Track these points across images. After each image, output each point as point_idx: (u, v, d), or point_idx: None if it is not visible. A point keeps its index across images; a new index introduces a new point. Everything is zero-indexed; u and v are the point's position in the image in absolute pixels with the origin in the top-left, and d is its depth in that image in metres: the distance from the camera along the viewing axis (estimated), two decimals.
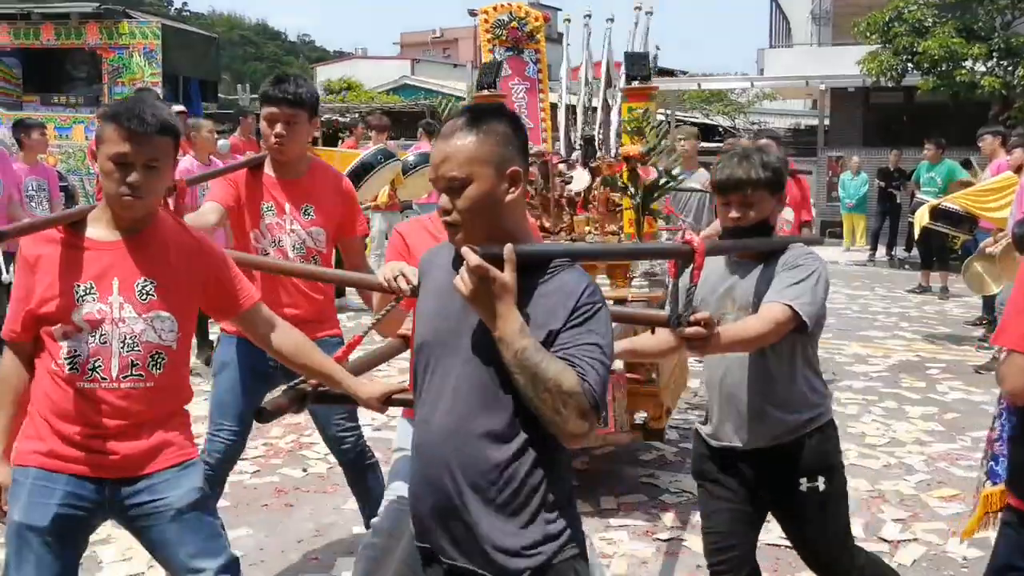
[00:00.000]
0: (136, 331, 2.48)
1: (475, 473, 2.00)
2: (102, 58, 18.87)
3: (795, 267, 2.87)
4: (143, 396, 2.51)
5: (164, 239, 2.57)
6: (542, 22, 13.63)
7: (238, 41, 68.67)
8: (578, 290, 1.99)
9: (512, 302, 1.93)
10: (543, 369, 1.89)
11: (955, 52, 16.43)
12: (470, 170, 2.00)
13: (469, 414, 2.02)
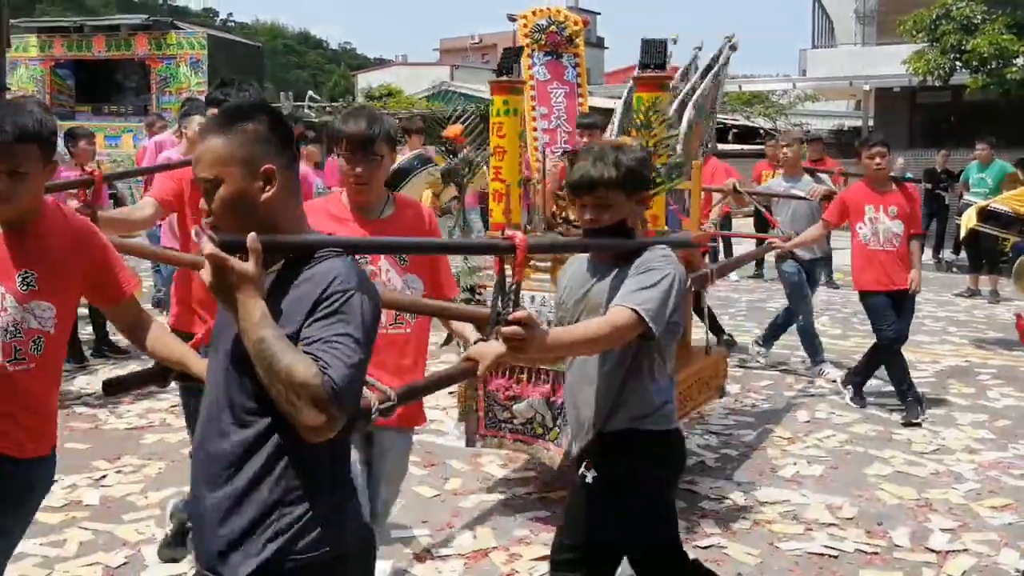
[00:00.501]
0: (18, 319, 2.59)
1: (212, 464, 2.01)
2: (150, 68, 19.23)
3: (647, 271, 2.77)
4: (27, 377, 2.62)
5: (46, 233, 2.66)
6: (581, 26, 13.58)
7: (281, 50, 69.33)
8: (326, 280, 1.95)
9: (253, 292, 1.89)
10: (278, 360, 1.84)
11: (1005, 49, 16.12)
12: (218, 171, 1.98)
13: (218, 404, 2.03)
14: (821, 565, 4.07)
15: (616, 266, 2.85)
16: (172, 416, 6.11)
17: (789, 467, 5.28)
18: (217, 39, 21.21)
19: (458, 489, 4.91)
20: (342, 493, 2.09)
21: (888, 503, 4.77)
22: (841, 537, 4.35)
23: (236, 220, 1.97)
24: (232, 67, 20.67)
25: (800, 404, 6.61)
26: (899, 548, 4.24)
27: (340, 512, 2.06)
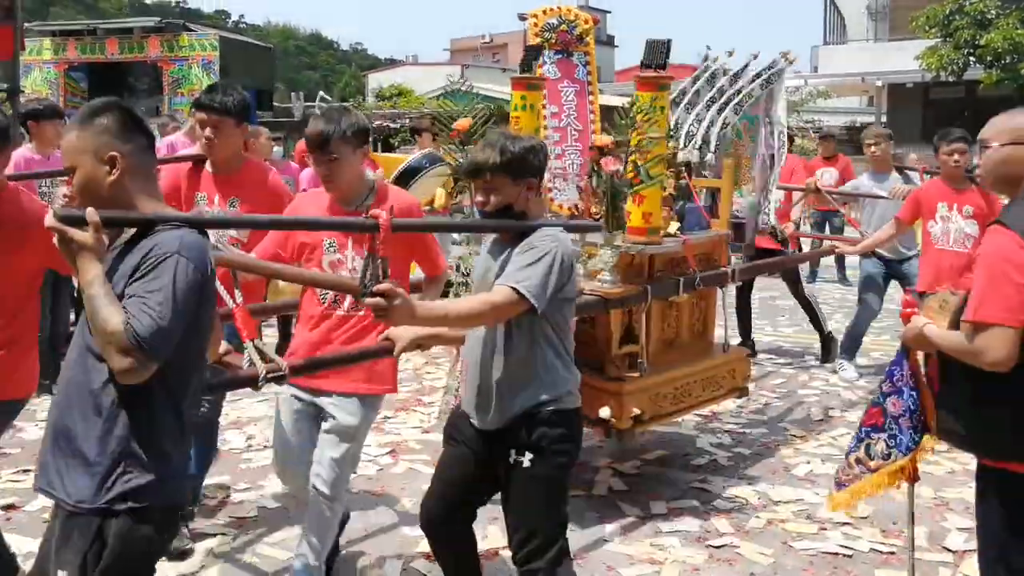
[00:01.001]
0: None
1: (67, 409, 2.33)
2: (163, 70, 19.28)
3: (529, 249, 2.92)
4: None
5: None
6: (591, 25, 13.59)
7: (292, 51, 69.57)
8: (147, 247, 2.27)
9: (90, 257, 2.22)
10: (98, 312, 2.18)
11: (1020, 44, 16.07)
12: (73, 159, 2.35)
13: (77, 358, 2.36)
14: (835, 564, 4.03)
15: (509, 248, 3.01)
16: None
17: (803, 465, 5.24)
18: (229, 40, 21.26)
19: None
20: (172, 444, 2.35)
21: (903, 502, 4.71)
22: (856, 536, 4.31)
23: (89, 199, 2.31)
24: (244, 68, 20.72)
25: (813, 402, 6.56)
26: (915, 548, 4.19)
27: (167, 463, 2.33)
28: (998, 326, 2.53)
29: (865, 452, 3.19)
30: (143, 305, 2.19)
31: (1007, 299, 2.53)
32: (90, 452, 2.25)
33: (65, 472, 2.28)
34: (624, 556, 4.11)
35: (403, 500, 4.71)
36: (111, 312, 2.17)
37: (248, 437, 5.68)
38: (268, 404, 6.37)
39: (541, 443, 2.98)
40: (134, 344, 2.15)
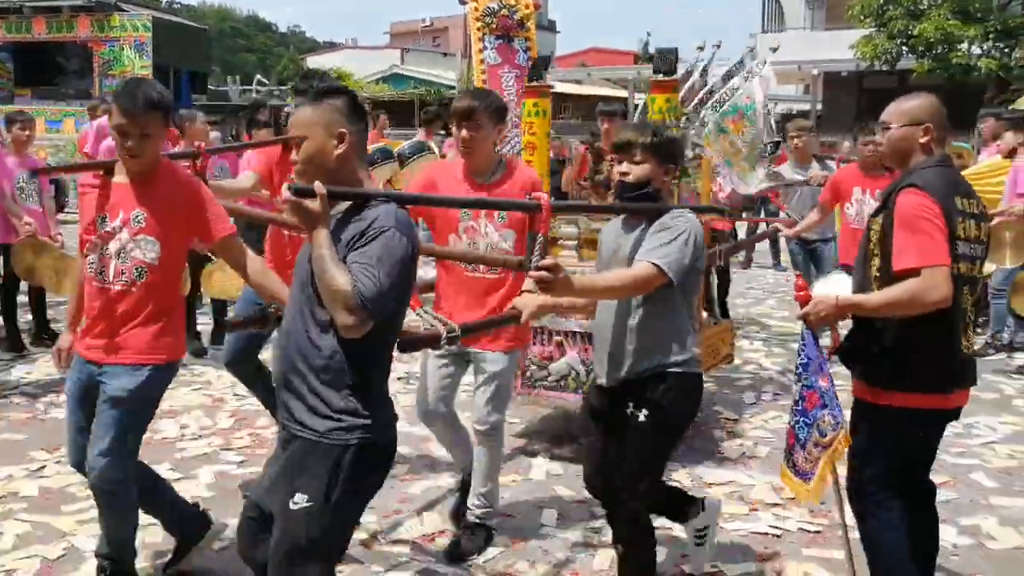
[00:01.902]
0: (127, 247, 3.35)
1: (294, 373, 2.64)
2: (93, 51, 18.80)
3: (665, 229, 3.22)
4: (128, 299, 3.36)
5: (161, 183, 3.40)
6: (532, 10, 13.51)
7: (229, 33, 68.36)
8: (369, 219, 2.55)
9: (319, 224, 2.52)
10: (326, 271, 2.47)
11: (951, 34, 16.41)
12: (306, 130, 2.64)
13: (294, 313, 2.69)
14: (766, 544, 4.11)
15: (642, 226, 3.32)
16: None
17: (735, 448, 5.33)
18: (162, 21, 20.81)
19: (404, 474, 4.88)
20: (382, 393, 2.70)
21: (833, 482, 4.82)
22: (785, 517, 4.40)
23: (314, 168, 2.61)
24: (178, 50, 20.33)
25: (747, 386, 6.67)
26: (840, 526, 4.29)
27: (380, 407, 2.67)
28: (936, 267, 2.88)
29: (819, 432, 3.32)
30: (366, 269, 2.47)
31: (933, 243, 2.90)
32: (323, 395, 2.58)
33: (304, 411, 2.61)
34: (560, 540, 4.14)
35: None
36: (338, 273, 2.47)
37: (182, 426, 5.62)
38: (201, 394, 6.30)
39: (661, 402, 3.26)
40: (359, 303, 2.44)
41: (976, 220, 3.09)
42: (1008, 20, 16.59)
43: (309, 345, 2.61)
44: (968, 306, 3.10)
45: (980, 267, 3.15)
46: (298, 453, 2.63)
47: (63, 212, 13.85)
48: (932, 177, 3.05)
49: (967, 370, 3.16)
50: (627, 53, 44.63)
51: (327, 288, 2.47)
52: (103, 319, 3.39)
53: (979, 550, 4.10)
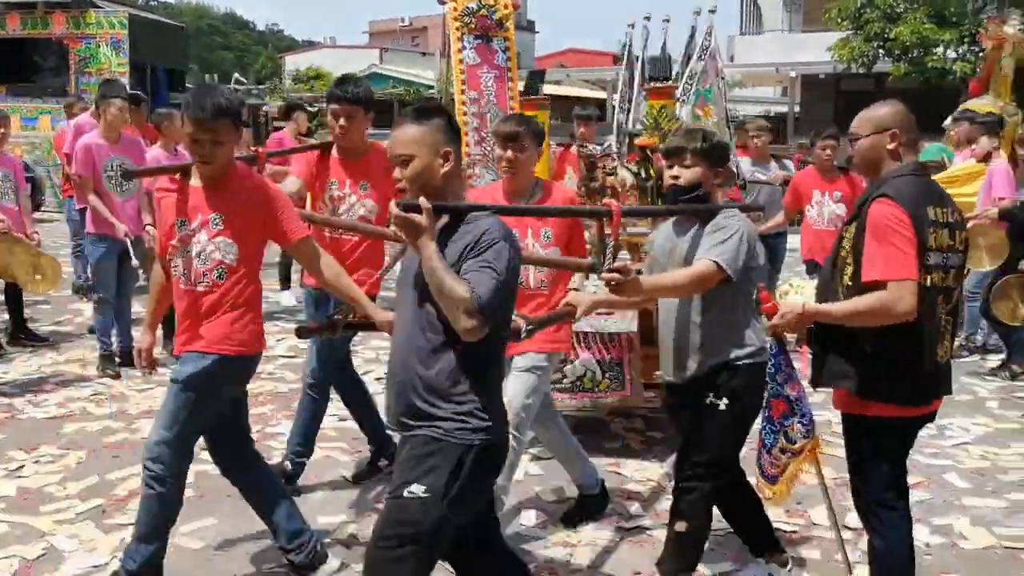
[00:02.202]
0: (207, 250, 3.48)
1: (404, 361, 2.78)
2: (69, 48, 18.62)
3: (720, 229, 3.42)
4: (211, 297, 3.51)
5: (234, 187, 3.54)
6: (511, 10, 13.51)
7: (206, 30, 67.93)
8: (478, 232, 2.70)
9: (427, 237, 2.65)
10: (444, 282, 2.60)
11: (927, 38, 16.55)
12: (411, 149, 2.76)
13: (409, 321, 2.81)
14: (742, 544, 4.15)
15: (695, 227, 3.53)
16: (92, 405, 5.99)
17: None
18: (139, 19, 20.61)
19: (383, 476, 4.89)
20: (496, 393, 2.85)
21: (808, 483, 4.87)
22: None
23: (419, 186, 2.75)
24: (155, 48, 20.16)
25: None
26: (817, 526, 4.35)
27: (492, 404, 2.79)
28: (903, 280, 2.92)
29: (785, 439, 3.45)
30: (483, 278, 2.63)
31: (901, 255, 2.94)
32: (445, 397, 2.71)
33: (425, 412, 2.73)
34: (539, 539, 4.17)
35: (319, 489, 4.70)
36: (457, 282, 2.61)
37: None
38: None
39: (736, 390, 3.47)
40: (477, 308, 2.59)
41: (950, 229, 3.09)
42: (982, 24, 16.77)
43: (428, 350, 2.74)
44: (943, 315, 3.11)
45: (956, 276, 3.14)
46: (418, 449, 2.73)
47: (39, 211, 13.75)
48: (903, 186, 3.06)
49: (941, 380, 3.17)
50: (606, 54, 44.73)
51: (447, 296, 2.61)
52: (188, 318, 3.55)
53: (952, 550, 4.16)
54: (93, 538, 4.12)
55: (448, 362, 2.72)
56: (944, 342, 3.14)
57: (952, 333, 3.20)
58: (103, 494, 4.59)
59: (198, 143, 3.42)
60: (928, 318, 3.03)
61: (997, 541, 4.22)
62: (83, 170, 6.60)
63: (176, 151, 7.32)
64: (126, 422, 5.67)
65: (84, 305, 8.88)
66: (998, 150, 7.35)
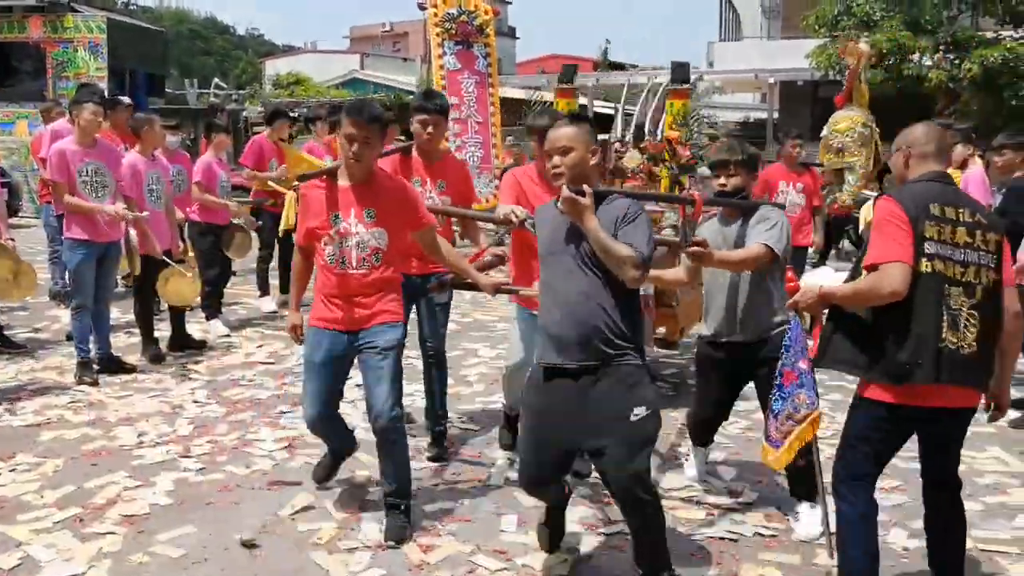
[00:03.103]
0: (365, 239, 4.20)
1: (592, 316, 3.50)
2: (46, 52, 18.50)
3: (766, 219, 4.32)
4: (370, 278, 4.24)
5: (381, 185, 4.29)
6: (492, 16, 13.58)
7: (186, 35, 67.61)
8: (626, 207, 3.56)
9: (590, 213, 3.46)
10: (610, 245, 3.41)
11: (903, 45, 16.67)
12: (573, 144, 3.59)
13: (585, 281, 3.53)
14: (722, 549, 4.17)
15: (739, 221, 4.43)
16: (70, 412, 5.95)
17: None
18: (118, 23, 20.48)
19: (365, 481, 4.88)
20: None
21: (786, 487, 4.90)
22: (741, 522, 4.46)
23: (575, 173, 3.56)
24: (134, 52, 20.04)
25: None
26: (796, 531, 4.37)
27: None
28: (892, 262, 3.25)
29: (792, 407, 3.86)
30: (639, 240, 3.43)
31: (893, 242, 3.28)
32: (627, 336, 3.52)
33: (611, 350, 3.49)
34: (520, 545, 4.17)
35: (300, 495, 4.69)
36: (620, 246, 3.41)
37: (140, 434, 5.57)
38: (159, 401, 6.25)
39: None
40: (642, 262, 3.41)
41: (968, 227, 3.34)
42: (957, 33, 16.92)
43: (612, 305, 3.49)
44: (963, 307, 3.29)
45: (984, 273, 3.33)
46: (623, 380, 3.49)
47: (16, 216, 13.65)
48: (909, 188, 3.46)
49: (943, 367, 3.27)
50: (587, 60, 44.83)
51: (615, 257, 3.38)
52: (347, 297, 4.23)
53: None
54: (70, 547, 4.08)
55: (623, 308, 3.51)
56: (959, 330, 3.29)
57: (981, 330, 3.31)
58: (80, 503, 4.56)
59: (352, 141, 4.08)
60: (925, 302, 3.26)
61: (973, 544, 4.24)
62: (58, 175, 6.55)
63: (154, 156, 7.29)
64: (104, 429, 5.63)
65: (61, 312, 8.82)
66: (973, 157, 7.43)
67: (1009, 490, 4.94)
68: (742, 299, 4.41)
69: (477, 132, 13.26)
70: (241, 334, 8.35)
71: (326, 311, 4.28)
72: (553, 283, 3.62)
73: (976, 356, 3.32)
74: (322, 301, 4.30)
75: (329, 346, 4.27)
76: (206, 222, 8.28)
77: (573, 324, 3.50)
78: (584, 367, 3.49)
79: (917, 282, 3.26)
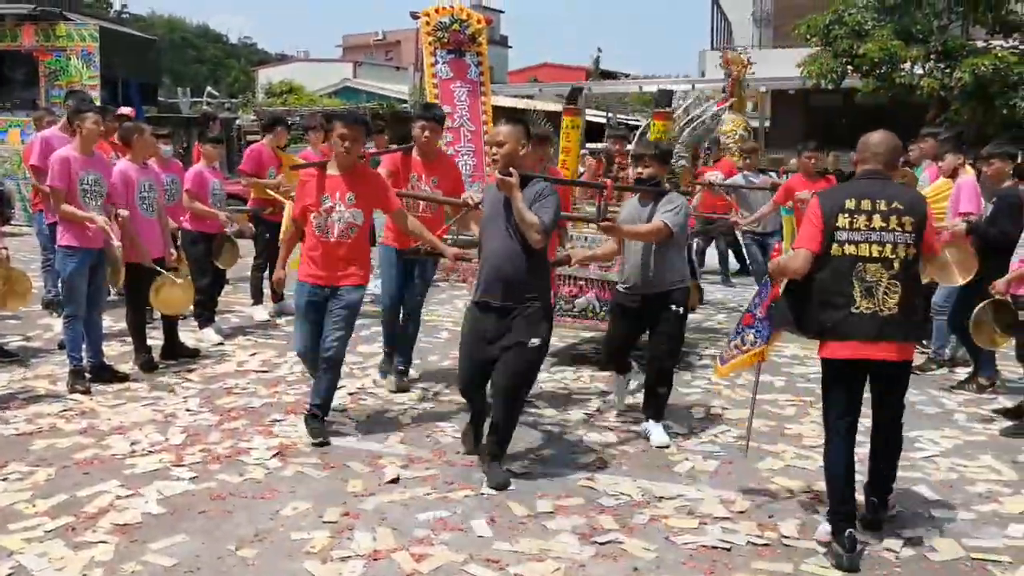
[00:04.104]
0: (345, 216, 5.49)
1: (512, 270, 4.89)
2: (39, 61, 18.45)
3: (670, 203, 5.62)
4: (347, 247, 5.55)
5: (362, 175, 5.64)
6: (484, 25, 13.66)
7: (179, 43, 67.42)
8: (541, 189, 4.92)
9: (516, 190, 4.81)
10: (526, 215, 4.76)
11: (894, 54, 16.73)
12: (506, 139, 4.93)
13: (508, 243, 4.88)
14: (714, 558, 4.17)
15: (652, 203, 5.67)
16: (62, 421, 5.94)
17: (685, 463, 5.40)
18: (110, 31, 20.47)
19: (357, 490, 4.88)
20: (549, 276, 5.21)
21: (779, 496, 4.92)
22: (733, 531, 4.46)
23: (508, 162, 4.89)
24: (126, 61, 20.02)
25: (696, 400, 6.76)
26: (788, 539, 4.38)
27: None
28: (800, 249, 4.25)
29: (741, 340, 4.85)
30: (545, 214, 4.80)
31: (805, 233, 4.26)
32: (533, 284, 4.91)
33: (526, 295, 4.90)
34: (511, 553, 4.17)
35: (292, 503, 4.68)
36: (531, 215, 4.76)
37: (133, 443, 5.55)
38: (151, 409, 6.24)
39: (679, 301, 5.67)
40: (543, 230, 4.80)
41: (881, 215, 4.13)
42: (947, 42, 16.99)
43: (523, 258, 4.86)
44: (877, 278, 4.12)
45: (898, 249, 4.13)
46: (530, 317, 4.87)
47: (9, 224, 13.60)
48: (838, 187, 4.72)
49: (864, 326, 4.12)
50: (579, 69, 44.92)
51: (527, 223, 4.78)
52: (330, 262, 5.54)
53: (921, 561, 4.20)
54: (63, 556, 4.06)
55: (532, 264, 4.86)
56: (878, 298, 4.12)
57: (903, 294, 4.13)
58: (73, 512, 4.54)
59: (344, 140, 5.40)
60: (837, 278, 4.16)
61: (965, 553, 4.27)
62: (59, 182, 6.53)
63: (145, 164, 7.29)
64: (96, 438, 5.62)
65: (54, 320, 8.80)
66: (963, 165, 7.45)
67: (1001, 499, 4.95)
68: (648, 261, 5.64)
69: (470, 141, 13.30)
70: (234, 342, 8.34)
71: (311, 269, 5.60)
72: (488, 243, 5.01)
73: (898, 316, 4.12)
74: (307, 261, 5.62)
75: (310, 294, 5.59)
76: (197, 231, 8.29)
77: (494, 272, 4.92)
78: (504, 306, 4.92)
79: (830, 263, 4.17)
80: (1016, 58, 16.21)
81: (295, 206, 5.72)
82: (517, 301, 4.85)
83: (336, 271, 5.56)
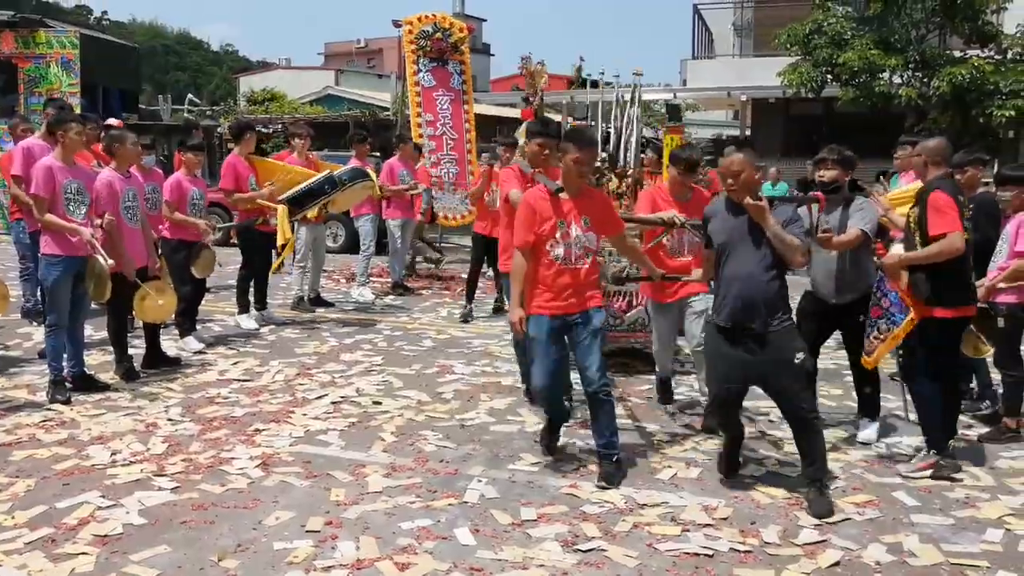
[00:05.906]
0: (582, 241, 5.23)
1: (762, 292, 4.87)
2: (18, 68, 18.36)
3: (860, 209, 5.73)
4: (586, 271, 5.27)
5: (592, 197, 5.40)
6: (467, 33, 13.70)
7: (160, 51, 67.27)
8: (789, 211, 4.98)
9: (769, 215, 4.80)
10: (783, 237, 4.77)
11: (873, 64, 16.85)
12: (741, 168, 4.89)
13: (760, 268, 4.87)
14: (697, 565, 4.19)
15: (837, 208, 5.81)
16: (42, 431, 5.90)
17: (667, 470, 5.41)
18: (90, 38, 20.43)
19: (341, 499, 4.87)
20: None
21: (761, 503, 4.94)
22: (716, 537, 4.48)
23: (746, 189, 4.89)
24: (107, 68, 19.98)
25: (678, 408, 6.78)
26: (769, 545, 4.40)
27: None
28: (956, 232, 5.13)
29: (876, 331, 5.57)
30: (798, 234, 4.86)
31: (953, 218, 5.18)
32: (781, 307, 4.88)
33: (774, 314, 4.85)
34: (495, 562, 4.17)
35: (275, 513, 4.67)
36: (791, 238, 4.78)
37: (114, 452, 5.52)
38: (133, 419, 6.21)
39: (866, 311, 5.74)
40: (805, 249, 4.91)
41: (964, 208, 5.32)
42: (926, 51, 17.14)
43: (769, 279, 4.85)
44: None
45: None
46: (786, 334, 4.86)
47: None
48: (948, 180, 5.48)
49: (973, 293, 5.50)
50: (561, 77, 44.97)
51: (789, 246, 4.75)
52: (572, 287, 5.22)
53: (901, 567, 4.23)
54: (42, 568, 4.04)
55: (782, 283, 4.90)
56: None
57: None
58: (52, 523, 4.51)
59: (580, 164, 5.18)
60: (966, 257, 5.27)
61: (945, 558, 4.30)
62: (44, 190, 6.49)
63: (129, 174, 7.25)
64: (76, 448, 5.59)
65: (33, 329, 8.75)
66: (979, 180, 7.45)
67: (979, 504, 4.99)
68: (846, 270, 5.80)
69: (452, 149, 13.32)
70: (215, 351, 8.31)
71: (551, 299, 5.26)
72: (734, 269, 4.91)
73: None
74: (544, 291, 5.26)
75: (550, 326, 5.25)
76: (177, 239, 8.27)
77: (741, 295, 4.87)
78: (760, 330, 4.86)
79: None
80: (992, 67, 16.38)
81: (519, 235, 5.25)
82: (772, 319, 4.82)
83: (584, 295, 5.24)
